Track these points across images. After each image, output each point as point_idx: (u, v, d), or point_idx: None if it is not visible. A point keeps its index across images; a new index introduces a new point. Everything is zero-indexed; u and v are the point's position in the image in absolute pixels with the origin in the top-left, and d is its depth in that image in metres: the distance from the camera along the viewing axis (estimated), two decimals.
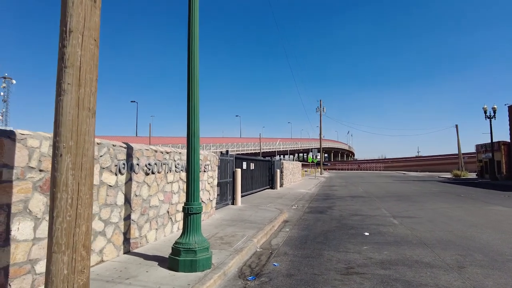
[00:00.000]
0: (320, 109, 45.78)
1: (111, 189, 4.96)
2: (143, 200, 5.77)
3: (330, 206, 12.29)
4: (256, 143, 70.91)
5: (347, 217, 9.68)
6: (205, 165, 8.24)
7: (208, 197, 8.47)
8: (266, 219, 8.53)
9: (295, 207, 11.66)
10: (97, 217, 4.66)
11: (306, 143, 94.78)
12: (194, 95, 4.68)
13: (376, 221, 8.98)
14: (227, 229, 7.12)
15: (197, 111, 4.72)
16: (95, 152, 4.68)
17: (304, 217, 9.67)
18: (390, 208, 11.51)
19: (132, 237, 5.47)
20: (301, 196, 15.44)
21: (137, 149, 5.59)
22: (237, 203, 11.15)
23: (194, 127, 4.67)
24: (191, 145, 4.66)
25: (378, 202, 13.60)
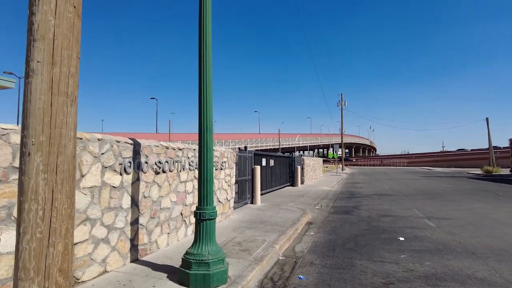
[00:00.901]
0: (341, 102, 44.45)
1: (115, 190, 4.42)
2: (153, 201, 5.22)
3: (356, 205, 11.47)
4: (275, 139, 70.11)
5: (377, 218, 8.88)
6: (222, 163, 7.64)
7: (225, 197, 7.87)
8: (288, 220, 7.86)
9: (318, 206, 10.93)
10: (98, 222, 4.13)
11: (326, 138, 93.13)
12: (206, 85, 4.05)
13: (409, 223, 8.14)
14: (246, 233, 6.50)
15: (209, 103, 4.09)
16: (95, 149, 4.14)
17: (329, 218, 8.93)
18: (422, 208, 10.60)
19: (141, 243, 4.93)
20: (324, 194, 14.67)
21: (145, 145, 5.03)
22: (257, 202, 10.52)
23: (206, 121, 4.05)
24: (203, 142, 4.05)
25: (408, 201, 12.66)
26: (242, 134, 74.70)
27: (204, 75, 4.05)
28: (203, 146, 4.03)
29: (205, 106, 4.04)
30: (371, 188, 18.41)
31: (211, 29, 4.21)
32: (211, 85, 4.11)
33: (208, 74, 4.06)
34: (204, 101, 4.04)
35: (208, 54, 4.12)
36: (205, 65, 4.05)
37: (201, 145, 4.05)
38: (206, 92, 4.04)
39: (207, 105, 4.05)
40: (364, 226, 7.84)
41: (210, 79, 4.08)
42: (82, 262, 3.87)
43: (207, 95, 4.05)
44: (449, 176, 30.55)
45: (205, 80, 4.04)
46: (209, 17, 4.18)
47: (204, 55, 4.08)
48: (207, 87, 4.04)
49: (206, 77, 4.05)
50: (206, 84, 4.04)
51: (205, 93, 4.04)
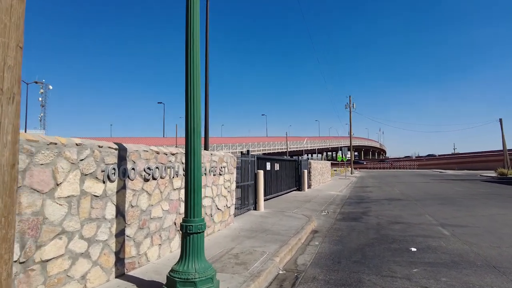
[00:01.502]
0: (349, 105, 43.76)
1: (97, 200, 4.05)
2: (142, 211, 4.84)
3: (365, 211, 10.94)
4: (282, 142, 69.57)
5: (386, 225, 8.36)
6: (220, 167, 7.24)
7: (224, 204, 7.46)
8: (291, 229, 7.40)
9: (325, 213, 10.44)
10: (77, 235, 3.75)
11: (335, 141, 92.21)
12: (193, 79, 3.66)
13: (422, 231, 7.61)
14: (245, 243, 6.08)
15: (197, 101, 3.70)
16: (73, 155, 3.78)
17: (336, 225, 8.45)
18: (435, 214, 10.02)
19: (128, 256, 4.54)
20: (331, 199, 14.15)
21: (132, 150, 4.66)
22: (260, 209, 10.09)
23: (193, 121, 3.66)
24: (190, 145, 3.65)
25: (419, 206, 12.07)
26: (249, 137, 74.37)
27: (191, 68, 3.66)
28: (190, 150, 3.64)
29: (192, 104, 3.65)
30: (381, 193, 17.81)
31: (199, 15, 3.82)
32: (198, 80, 3.71)
33: (195, 67, 3.67)
34: (191, 98, 3.64)
35: (195, 42, 3.73)
36: (192, 55, 3.66)
37: (187, 149, 3.66)
38: (193, 88, 3.65)
39: (194, 103, 3.65)
40: (373, 234, 7.34)
41: (197, 73, 3.69)
42: (56, 280, 3.49)
43: (194, 92, 3.66)
44: (462, 179, 29.64)
45: (192, 74, 3.65)
46: (196, 9, 3.80)
47: (191, 42, 3.69)
48: (194, 82, 3.65)
49: (193, 71, 3.65)
50: (193, 78, 3.65)
51: (192, 89, 3.65)
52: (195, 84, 3.67)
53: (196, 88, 3.67)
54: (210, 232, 6.74)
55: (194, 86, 3.66)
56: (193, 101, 3.65)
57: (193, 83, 3.66)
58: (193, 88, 3.66)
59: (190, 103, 3.65)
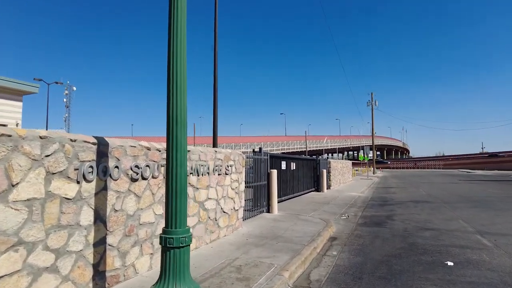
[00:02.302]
0: (371, 102, 42.17)
1: (69, 203, 3.41)
2: (129, 216, 4.19)
3: (390, 215, 9.97)
4: (301, 141, 68.33)
5: (414, 232, 7.41)
6: (226, 167, 6.53)
7: (231, 206, 6.75)
8: (306, 235, 6.60)
9: (344, 216, 9.54)
10: (40, 246, 3.12)
11: (356, 140, 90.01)
12: (176, 57, 2.95)
13: (457, 239, 6.64)
14: (252, 252, 5.33)
15: (181, 84, 2.98)
16: (35, 150, 3.11)
17: (357, 231, 7.57)
18: (469, 219, 8.95)
19: (110, 268, 3.90)
20: (352, 201, 13.19)
21: (115, 145, 4.01)
22: (273, 211, 9.32)
23: (177, 110, 2.95)
24: (172, 138, 2.95)
25: (450, 209, 10.96)
26: (267, 136, 73.52)
27: (174, 41, 2.94)
28: (172, 144, 2.93)
29: (174, 88, 2.94)
30: (406, 194, 16.64)
31: None
32: (183, 58, 3.00)
33: (178, 41, 2.95)
34: (173, 81, 2.94)
35: (181, 22, 3.02)
36: (175, 25, 2.94)
37: (168, 143, 2.95)
38: (176, 68, 2.94)
39: (177, 86, 2.94)
40: (399, 243, 6.43)
41: (181, 48, 2.97)
42: None
43: (178, 73, 2.95)
44: (494, 180, 27.76)
45: (174, 50, 2.94)
46: None
47: (174, 22, 2.98)
48: (177, 60, 2.94)
49: (176, 45, 2.94)
50: (176, 56, 2.94)
51: (175, 70, 2.94)
52: (178, 62, 2.96)
53: (179, 68, 2.96)
54: (214, 238, 6.04)
55: (177, 65, 2.95)
56: (175, 84, 2.94)
57: (176, 61, 2.95)
58: (176, 68, 2.95)
59: (172, 87, 2.94)
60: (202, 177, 5.71)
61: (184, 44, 3.08)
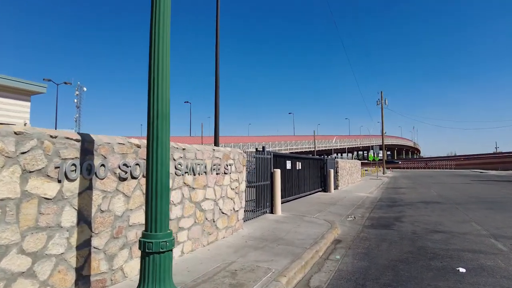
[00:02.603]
0: (381, 101, 41.47)
1: (49, 203, 3.20)
2: (117, 216, 3.96)
3: (398, 216, 9.59)
4: (310, 141, 67.76)
5: (424, 235, 7.05)
6: (225, 166, 6.28)
7: (231, 207, 6.49)
8: (309, 238, 6.30)
9: (351, 218, 9.20)
10: (14, 249, 2.91)
11: (366, 140, 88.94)
12: (159, 42, 2.70)
13: (469, 243, 6.26)
14: (250, 255, 5.07)
15: (164, 73, 2.73)
16: (9, 146, 2.89)
17: (363, 234, 7.24)
18: (483, 221, 8.52)
19: (95, 272, 3.68)
20: (360, 202, 12.82)
21: (102, 143, 3.79)
22: (277, 212, 9.03)
23: (158, 101, 2.70)
24: (153, 134, 2.70)
25: (462, 210, 10.52)
26: (275, 136, 73.13)
27: (157, 22, 2.69)
28: (152, 140, 2.68)
29: (156, 77, 2.69)
30: (416, 194, 16.16)
31: None
32: (167, 43, 2.75)
33: (162, 24, 2.71)
34: (155, 69, 2.69)
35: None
36: (158, 3, 2.69)
37: (149, 138, 2.71)
38: (158, 54, 2.69)
39: (160, 75, 2.70)
40: (407, 246, 6.09)
41: (165, 31, 2.72)
42: None
43: (161, 60, 2.70)
44: (508, 180, 26.92)
45: (157, 34, 2.69)
46: None
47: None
48: (160, 46, 2.69)
49: (159, 28, 2.69)
50: (159, 40, 2.69)
51: (158, 57, 2.69)
52: (161, 47, 2.71)
53: (162, 54, 2.71)
54: (212, 240, 5.79)
55: (159, 50, 2.70)
56: (157, 73, 2.69)
57: (158, 44, 2.70)
58: (158, 54, 2.70)
59: (153, 75, 2.69)
60: (199, 177, 5.47)
61: (168, 25, 2.83)
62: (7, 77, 13.44)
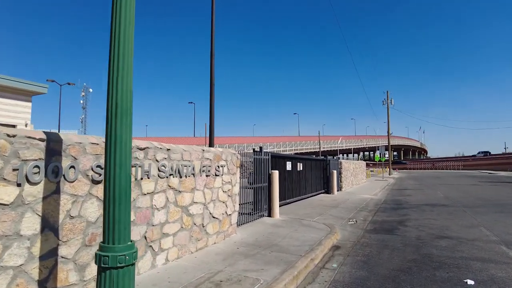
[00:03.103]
0: (387, 101, 40.84)
1: (5, 209, 2.88)
2: (89, 223, 3.63)
3: (402, 220, 9.16)
4: (315, 141, 67.19)
5: (429, 241, 6.63)
6: (217, 167, 5.93)
7: (223, 211, 6.14)
8: (305, 244, 5.93)
9: (352, 221, 8.80)
10: None
11: (372, 140, 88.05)
12: (120, 24, 2.36)
13: (477, 251, 5.84)
14: (239, 264, 4.71)
15: (126, 62, 2.39)
16: None
17: (364, 239, 6.84)
18: (492, 226, 8.06)
19: (62, 285, 3.35)
20: (363, 204, 12.39)
21: (72, 142, 3.46)
22: (274, 215, 8.67)
23: (117, 94, 2.36)
24: (111, 132, 2.36)
25: (470, 214, 10.05)
26: (280, 137, 72.67)
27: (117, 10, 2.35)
28: (110, 138, 2.34)
29: (116, 67, 2.34)
30: (422, 196, 15.66)
31: None
32: (131, 24, 2.40)
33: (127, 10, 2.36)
34: (116, 55, 2.34)
35: None
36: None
37: (107, 137, 2.36)
38: (119, 38, 2.35)
39: (120, 64, 2.35)
40: (411, 254, 5.69)
41: (130, 9, 2.37)
42: None
43: (123, 44, 2.35)
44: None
45: (119, 12, 2.35)
46: None
47: None
48: (123, 28, 2.34)
49: (123, 6, 2.35)
50: (121, 20, 2.35)
51: (118, 41, 2.35)
52: (123, 27, 2.36)
53: (124, 37, 2.36)
54: (201, 247, 5.45)
55: (121, 32, 2.36)
56: (117, 61, 2.35)
57: (119, 25, 2.35)
58: (119, 37, 2.35)
59: (113, 64, 2.35)
60: (186, 179, 5.13)
61: (132, 22, 2.48)
62: (7, 77, 13.25)
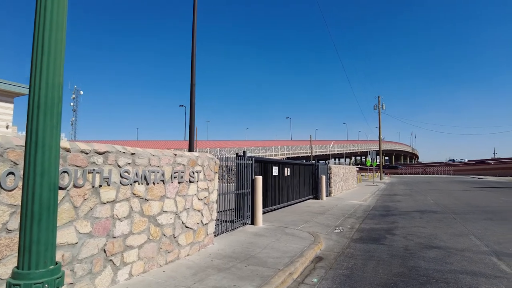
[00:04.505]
0: (378, 106, 40.81)
1: None
2: None
3: (390, 228, 8.84)
4: (307, 146, 67.03)
5: (417, 252, 6.30)
6: (191, 173, 5.53)
7: (198, 220, 5.73)
8: (285, 255, 5.55)
9: (338, 229, 8.44)
10: None
11: (364, 145, 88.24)
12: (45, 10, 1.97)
13: (468, 263, 5.52)
14: (210, 280, 4.30)
15: (57, 45, 1.99)
16: None
17: (349, 250, 6.48)
18: (483, 235, 7.78)
19: None
20: (351, 211, 12.06)
21: (12, 146, 3.05)
22: (258, 223, 8.27)
23: (40, 87, 1.96)
24: (31, 132, 1.95)
25: (459, 221, 9.78)
26: (271, 141, 72.39)
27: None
28: (31, 140, 1.94)
29: (41, 56, 1.95)
30: (412, 202, 15.41)
31: None
32: (63, 11, 2.01)
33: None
34: (40, 43, 1.95)
35: None
36: None
37: (27, 138, 1.96)
38: (46, 19, 1.95)
39: (49, 52, 1.95)
40: (397, 267, 5.34)
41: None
42: None
43: (52, 31, 1.96)
44: (508, 187, 26.20)
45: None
46: None
47: None
48: (50, 7, 1.95)
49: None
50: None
51: (44, 23, 1.96)
52: (49, 5, 1.97)
53: (52, 16, 1.96)
54: (172, 259, 5.02)
55: (47, 11, 1.96)
56: (41, 48, 1.95)
57: (44, 11, 1.96)
58: (45, 15, 1.96)
59: (37, 50, 1.95)
60: (154, 186, 4.72)
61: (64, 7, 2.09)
62: None
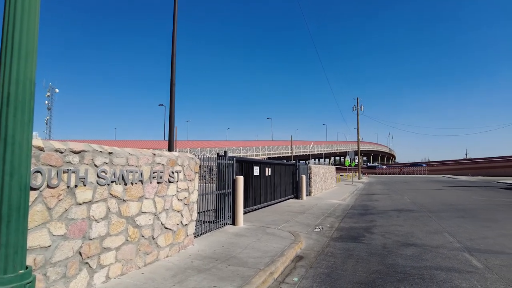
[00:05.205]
0: (357, 107, 41.61)
1: None
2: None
3: (369, 226, 9.01)
4: (288, 146, 67.53)
5: (394, 249, 6.45)
6: (171, 173, 5.44)
7: (178, 221, 5.64)
8: (266, 255, 5.55)
9: (318, 228, 8.53)
10: None
11: (343, 145, 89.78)
12: None
13: (442, 259, 5.70)
14: (189, 281, 4.25)
15: (29, 37, 1.90)
16: None
17: (329, 248, 6.55)
18: (456, 232, 8.06)
19: None
20: (331, 210, 12.22)
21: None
22: (238, 223, 8.24)
23: (12, 79, 1.87)
24: (1, 128, 1.86)
25: (435, 219, 10.09)
26: (253, 141, 72.48)
27: None
28: (0, 138, 1.84)
29: (11, 48, 1.86)
30: (389, 201, 15.78)
31: None
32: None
33: None
34: (10, 34, 1.86)
35: None
36: None
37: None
38: (17, 6, 1.86)
39: (20, 44, 1.86)
40: (376, 264, 5.44)
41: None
42: None
43: (23, 23, 1.87)
44: (478, 186, 27.31)
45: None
46: None
47: None
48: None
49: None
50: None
51: (14, 13, 1.87)
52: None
53: (22, 15, 1.88)
54: (151, 261, 4.93)
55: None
56: (12, 39, 1.86)
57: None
58: (15, 16, 1.87)
59: (7, 41, 1.86)
60: (132, 186, 4.61)
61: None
62: None
